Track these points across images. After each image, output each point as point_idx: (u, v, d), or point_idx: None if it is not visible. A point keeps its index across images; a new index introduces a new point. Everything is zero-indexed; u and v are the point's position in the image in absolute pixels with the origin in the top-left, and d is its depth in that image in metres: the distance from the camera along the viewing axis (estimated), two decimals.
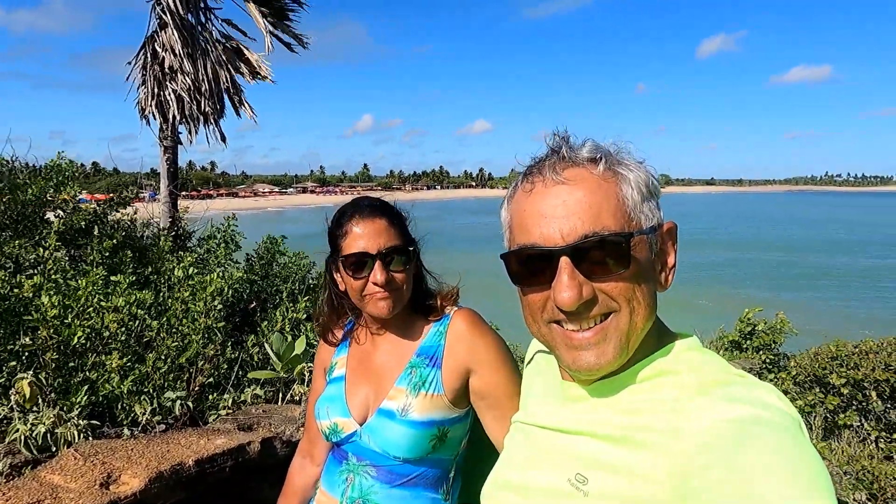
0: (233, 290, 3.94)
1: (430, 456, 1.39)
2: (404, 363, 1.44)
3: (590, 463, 0.87)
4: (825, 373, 5.65)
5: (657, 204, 0.92)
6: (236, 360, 3.59)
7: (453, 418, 1.40)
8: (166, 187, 8.30)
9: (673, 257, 0.94)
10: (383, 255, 1.38)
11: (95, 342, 3.08)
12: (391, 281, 1.39)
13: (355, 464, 1.42)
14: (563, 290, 0.85)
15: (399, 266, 1.40)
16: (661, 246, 0.92)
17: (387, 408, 1.40)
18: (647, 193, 0.90)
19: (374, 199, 1.49)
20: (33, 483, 1.74)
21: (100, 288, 3.25)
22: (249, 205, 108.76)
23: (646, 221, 0.89)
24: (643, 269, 0.88)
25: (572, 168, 0.89)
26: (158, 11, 7.94)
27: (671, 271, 0.93)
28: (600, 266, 0.85)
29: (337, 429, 1.45)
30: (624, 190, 0.88)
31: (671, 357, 0.91)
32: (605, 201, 0.86)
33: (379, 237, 1.39)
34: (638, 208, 0.88)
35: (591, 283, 0.86)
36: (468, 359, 1.40)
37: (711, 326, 7.12)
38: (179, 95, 7.92)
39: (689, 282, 26.43)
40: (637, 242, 0.86)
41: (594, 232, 0.84)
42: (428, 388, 1.39)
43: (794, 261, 39.42)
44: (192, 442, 2.11)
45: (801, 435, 0.75)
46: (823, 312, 20.76)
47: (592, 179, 0.87)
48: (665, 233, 0.93)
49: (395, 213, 1.47)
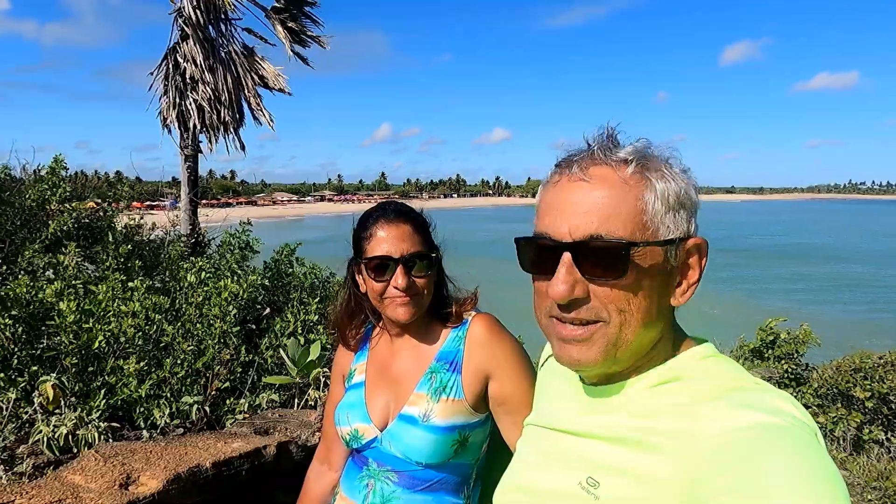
0: (248, 295, 3.98)
1: (452, 461, 1.39)
2: (424, 368, 1.44)
3: (601, 466, 0.86)
4: (849, 386, 5.53)
5: (688, 217, 0.89)
6: (251, 364, 3.62)
7: (474, 423, 1.40)
8: (187, 195, 8.44)
9: (696, 274, 0.91)
10: (406, 260, 1.39)
11: (114, 346, 3.13)
12: (412, 286, 1.39)
13: (376, 469, 1.42)
14: (557, 283, 0.87)
15: (421, 272, 1.41)
16: (684, 260, 0.89)
17: (408, 413, 1.40)
18: (674, 204, 0.87)
19: (400, 204, 1.49)
20: (55, 483, 1.78)
21: (118, 293, 3.31)
22: (268, 213, 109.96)
23: (665, 232, 0.86)
24: (646, 280, 0.86)
25: (600, 167, 0.88)
26: (180, 23, 8.12)
27: (691, 287, 0.91)
28: (599, 269, 0.85)
29: (357, 435, 1.45)
30: (647, 196, 0.86)
31: (686, 362, 0.90)
32: (621, 205, 0.85)
33: (402, 242, 1.40)
34: (659, 218, 0.86)
35: (587, 283, 0.87)
36: (487, 364, 1.40)
37: (723, 335, 7.02)
38: (200, 105, 8.08)
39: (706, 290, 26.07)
40: (643, 252, 0.85)
41: (599, 234, 0.84)
42: (449, 394, 1.39)
43: (813, 270, 38.74)
44: (210, 445, 2.13)
45: (817, 443, 0.74)
46: (846, 322, 20.35)
47: (616, 181, 0.86)
48: (691, 248, 0.90)
49: (420, 220, 1.47)
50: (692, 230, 0.90)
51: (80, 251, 3.91)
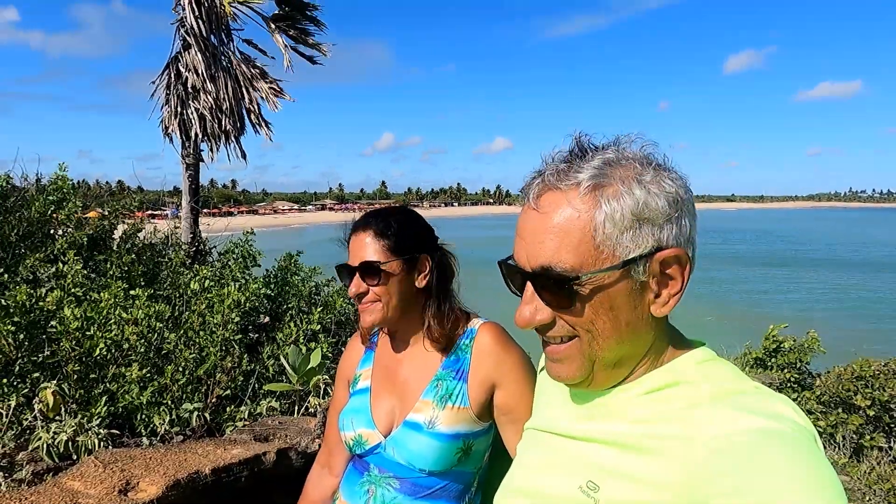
0: (250, 303, 3.99)
1: (455, 469, 1.39)
2: (430, 376, 1.44)
3: (601, 470, 0.87)
4: (849, 394, 5.51)
5: (655, 230, 0.84)
6: (253, 372, 3.62)
7: (477, 431, 1.41)
8: (188, 203, 8.47)
9: (678, 284, 0.87)
10: (358, 268, 1.43)
11: (115, 354, 3.14)
12: (366, 294, 1.42)
13: (377, 475, 1.42)
14: (522, 308, 0.90)
15: (374, 280, 1.42)
16: (659, 272, 0.86)
17: (413, 420, 1.40)
18: (630, 223, 0.83)
19: (372, 212, 1.51)
20: (54, 489, 1.78)
21: (120, 301, 3.33)
22: (269, 222, 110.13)
23: (624, 252, 0.83)
24: (605, 302, 0.85)
25: (550, 192, 0.87)
26: (182, 33, 8.19)
27: (673, 298, 0.88)
28: (553, 298, 0.87)
29: (361, 440, 1.45)
30: (597, 219, 0.83)
31: (685, 367, 0.90)
32: (570, 233, 0.84)
33: (360, 250, 1.43)
34: (613, 240, 0.83)
35: (547, 308, 0.88)
36: (494, 373, 1.41)
37: (718, 343, 7.00)
38: (201, 114, 8.13)
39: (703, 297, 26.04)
40: (592, 280, 0.84)
41: (549, 265, 0.85)
42: (454, 402, 1.39)
43: (816, 276, 38.70)
44: (209, 451, 2.13)
45: (816, 448, 0.75)
46: (848, 330, 20.28)
47: (566, 208, 0.85)
48: (667, 259, 0.85)
49: (383, 228, 1.45)
50: (666, 240, 0.85)
51: (79, 259, 3.93)
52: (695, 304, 22.25)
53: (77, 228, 4.59)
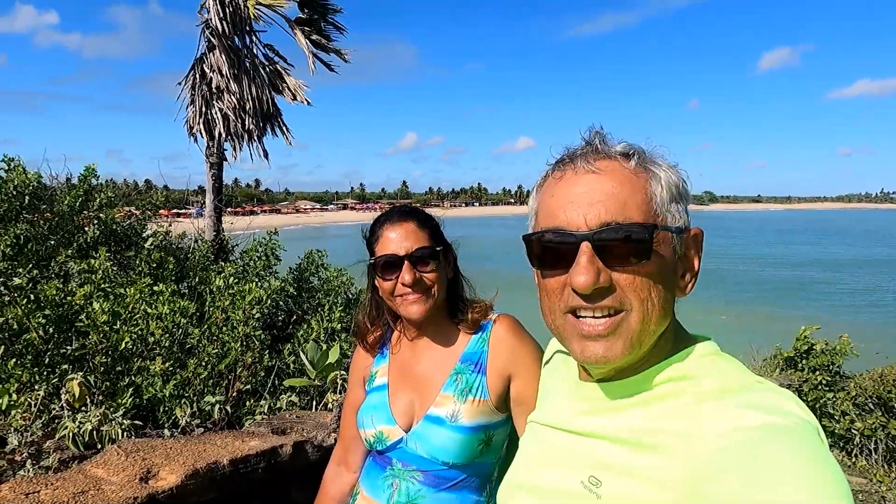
0: (271, 300, 4.05)
1: (477, 460, 1.40)
2: (448, 370, 1.46)
3: (604, 465, 0.86)
4: (890, 396, 5.39)
5: (685, 208, 0.91)
6: (273, 367, 3.68)
7: (497, 422, 1.42)
8: (211, 202, 8.61)
9: (697, 264, 0.93)
10: (410, 256, 1.42)
11: (141, 348, 3.22)
12: (419, 281, 1.42)
13: (401, 469, 1.44)
14: (580, 272, 0.84)
15: (426, 267, 1.43)
16: (685, 250, 0.91)
17: (435, 414, 1.41)
18: (676, 194, 0.89)
19: (405, 206, 1.54)
20: (79, 476, 1.83)
21: (146, 296, 3.41)
22: (291, 220, 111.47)
23: (672, 221, 0.88)
24: (663, 267, 0.87)
25: (604, 160, 0.89)
26: (207, 34, 8.33)
27: (693, 278, 0.92)
28: (621, 256, 0.85)
29: (382, 437, 1.46)
30: (653, 186, 0.88)
31: (689, 361, 0.89)
32: (633, 194, 0.86)
33: (406, 240, 1.43)
34: (665, 206, 0.88)
35: (609, 270, 0.86)
36: (510, 364, 1.42)
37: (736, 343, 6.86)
38: (225, 114, 8.26)
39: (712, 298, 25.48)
40: (661, 238, 0.86)
41: (618, 222, 0.85)
42: (475, 394, 1.41)
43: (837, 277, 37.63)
44: (228, 443, 2.17)
45: (819, 442, 0.74)
46: (880, 333, 19.72)
47: (623, 172, 0.88)
48: (691, 238, 0.92)
49: (424, 217, 1.50)
50: (689, 221, 0.92)
51: (110, 256, 4.03)
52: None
53: (104, 222, 4.70)
